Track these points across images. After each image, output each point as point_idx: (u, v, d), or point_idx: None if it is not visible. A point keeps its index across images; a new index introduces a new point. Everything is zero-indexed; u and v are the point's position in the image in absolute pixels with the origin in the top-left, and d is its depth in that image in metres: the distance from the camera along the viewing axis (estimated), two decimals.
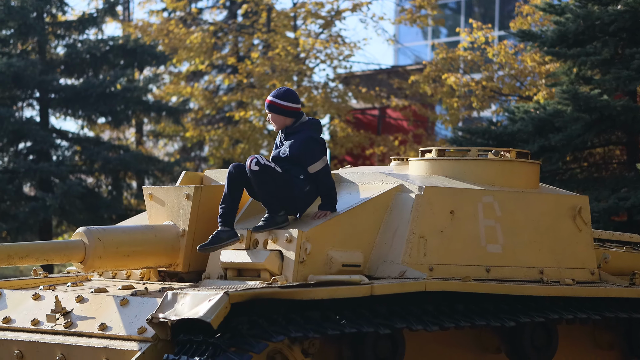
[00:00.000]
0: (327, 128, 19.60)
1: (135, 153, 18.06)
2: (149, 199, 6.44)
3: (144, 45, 17.95)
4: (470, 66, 16.48)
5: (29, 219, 16.09)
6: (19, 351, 5.60)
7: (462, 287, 5.81)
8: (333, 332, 5.23)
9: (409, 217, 5.91)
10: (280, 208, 5.79)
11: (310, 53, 18.14)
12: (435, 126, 20.57)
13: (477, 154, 6.54)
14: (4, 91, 17.10)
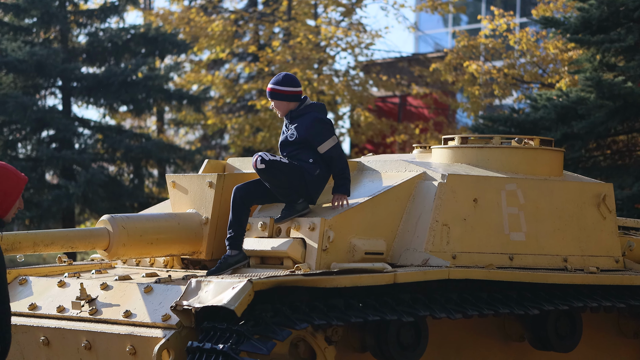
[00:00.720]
0: (348, 116, 19.58)
1: (157, 141, 18.13)
2: (172, 186, 6.46)
3: (165, 34, 18.00)
4: (491, 54, 16.39)
5: (52, 207, 16.22)
6: (44, 337, 5.65)
7: (486, 275, 5.79)
8: (356, 319, 5.23)
9: (431, 205, 5.90)
10: (298, 196, 5.79)
11: (331, 41, 18.11)
12: (456, 114, 20.50)
13: (501, 142, 6.52)
14: (26, 80, 17.21)
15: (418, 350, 5.64)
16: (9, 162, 16.51)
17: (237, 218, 5.79)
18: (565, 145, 11.73)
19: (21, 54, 16.60)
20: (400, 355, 5.56)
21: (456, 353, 6.14)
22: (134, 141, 17.94)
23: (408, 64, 20.43)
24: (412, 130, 19.14)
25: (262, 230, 5.86)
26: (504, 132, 12.04)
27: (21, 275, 6.13)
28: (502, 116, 12.59)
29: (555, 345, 6.15)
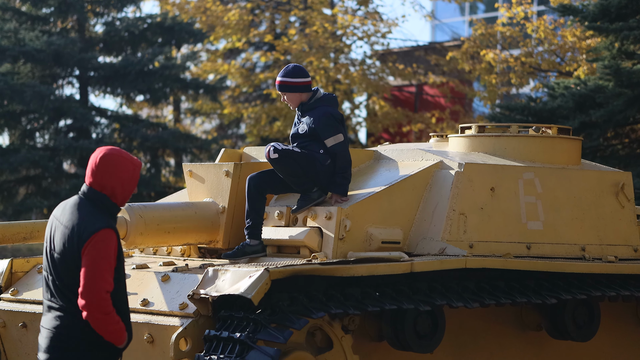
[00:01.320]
0: (365, 105, 19.54)
1: (173, 131, 18.18)
2: (189, 176, 6.48)
3: (182, 23, 18.01)
4: (509, 42, 16.30)
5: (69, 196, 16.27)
6: None
7: (503, 264, 5.77)
8: (373, 308, 5.23)
9: (448, 194, 5.88)
10: (312, 185, 5.79)
11: (347, 30, 18.06)
12: (473, 103, 20.42)
13: (518, 131, 6.49)
14: (44, 69, 17.28)
15: (435, 339, 5.64)
16: (28, 151, 16.60)
17: (253, 207, 5.79)
18: (583, 133, 11.66)
19: (39, 43, 16.67)
20: (417, 344, 5.56)
21: (473, 342, 6.13)
22: (150, 130, 18.00)
23: (425, 52, 20.35)
24: (428, 119, 19.09)
25: (279, 219, 5.86)
26: (522, 121, 11.99)
27: (40, 264, 6.17)
28: (519, 105, 12.53)
29: (573, 334, 6.13)
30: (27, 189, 17.35)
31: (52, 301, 4.09)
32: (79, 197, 4.15)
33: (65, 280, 4.05)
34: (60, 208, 4.19)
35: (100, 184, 4.10)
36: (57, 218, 4.14)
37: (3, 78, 16.20)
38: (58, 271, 4.07)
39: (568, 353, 6.50)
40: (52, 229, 4.14)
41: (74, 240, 4.02)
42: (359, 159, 6.33)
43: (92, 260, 3.98)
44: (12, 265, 6.11)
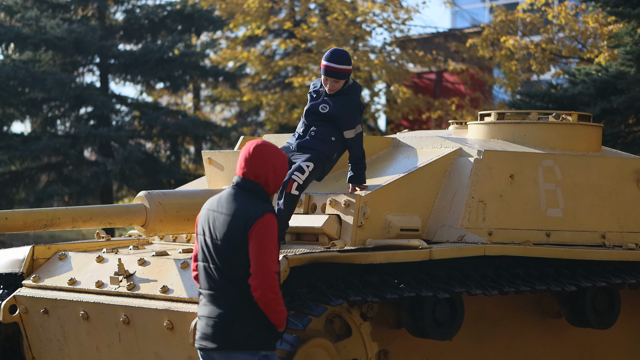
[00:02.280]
0: (384, 92, 19.49)
1: (193, 118, 18.22)
2: (208, 163, 6.50)
3: (201, 10, 18.03)
4: (529, 28, 16.19)
5: (90, 184, 16.39)
6: (84, 312, 5.73)
7: (522, 251, 5.76)
8: (392, 296, 5.24)
9: (467, 181, 5.87)
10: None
11: (367, 17, 18.00)
12: (493, 90, 20.32)
13: (538, 118, 6.46)
14: (65, 57, 17.36)
15: (454, 327, 5.64)
16: (49, 139, 16.70)
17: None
18: (604, 120, 11.58)
19: (59, 31, 16.74)
20: (436, 332, 5.57)
21: (492, 330, 6.12)
22: (170, 118, 18.05)
23: (444, 39, 20.25)
24: (448, 106, 19.02)
25: (298, 207, 5.87)
26: (542, 108, 11.92)
27: (60, 251, 6.22)
28: (539, 92, 12.45)
29: (593, 322, 6.11)
30: (48, 177, 17.46)
31: (215, 290, 4.17)
32: (234, 188, 4.25)
33: (231, 267, 4.15)
34: (215, 200, 4.27)
35: (255, 173, 4.23)
36: (215, 209, 4.23)
37: (24, 66, 16.29)
38: (223, 259, 4.16)
39: (587, 340, 6.48)
40: (211, 221, 4.21)
41: (240, 225, 4.15)
42: (378, 147, 6.33)
43: (260, 242, 4.13)
44: (34, 252, 6.17)
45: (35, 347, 6.14)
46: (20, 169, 17.03)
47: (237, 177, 4.28)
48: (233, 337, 4.14)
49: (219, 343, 4.14)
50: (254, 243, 4.13)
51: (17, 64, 16.37)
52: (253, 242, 4.13)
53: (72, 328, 5.85)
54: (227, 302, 4.15)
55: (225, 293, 4.15)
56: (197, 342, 4.22)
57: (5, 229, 5.49)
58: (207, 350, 4.17)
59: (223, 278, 4.16)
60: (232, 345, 4.14)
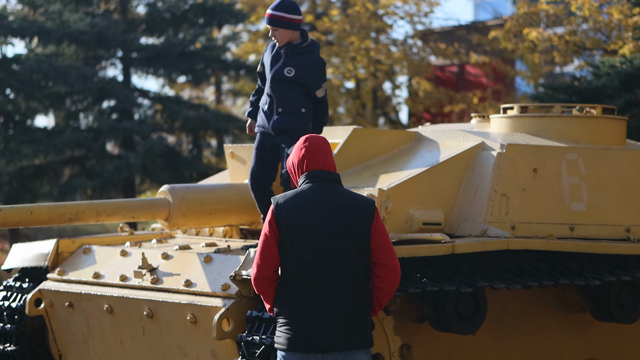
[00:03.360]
0: (406, 86, 19.43)
1: (215, 112, 18.25)
2: (231, 157, 6.52)
3: (223, 4, 18.03)
4: (552, 20, 16.07)
5: (113, 177, 16.46)
6: (108, 306, 5.76)
7: (546, 245, 5.74)
8: (414, 290, 5.23)
9: (490, 175, 5.85)
10: None
11: (389, 10, 17.95)
12: (515, 82, 20.21)
13: (561, 111, 6.42)
14: (87, 51, 17.43)
15: (476, 321, 5.63)
16: (72, 132, 16.79)
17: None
18: (628, 113, 11.48)
19: (82, 25, 16.81)
20: (459, 326, 5.56)
21: (515, 324, 6.10)
22: (192, 111, 18.09)
23: (467, 32, 20.15)
24: (470, 99, 18.94)
25: None
26: (565, 101, 11.84)
27: (85, 245, 6.26)
28: (562, 84, 12.37)
29: (617, 316, 6.08)
30: (71, 170, 17.56)
31: (336, 287, 4.03)
32: (328, 184, 4.12)
33: (357, 262, 4.07)
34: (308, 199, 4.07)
35: (328, 165, 4.19)
36: (318, 208, 4.05)
37: (48, 60, 16.38)
38: (346, 255, 4.04)
39: (612, 335, 6.45)
40: (319, 220, 4.04)
41: (363, 219, 4.08)
42: (400, 141, 6.32)
43: (384, 231, 4.12)
44: (59, 246, 6.22)
45: (60, 340, 6.19)
46: (43, 162, 17.14)
47: (322, 172, 4.12)
48: (355, 336, 4.05)
49: (341, 344, 4.01)
50: (379, 233, 4.09)
51: (40, 58, 16.46)
52: (378, 232, 4.08)
53: (96, 321, 5.89)
54: (348, 300, 4.04)
55: (345, 292, 4.04)
56: (301, 345, 4.00)
57: (30, 223, 5.54)
58: (324, 351, 3.99)
59: (346, 275, 4.04)
60: (355, 344, 4.04)
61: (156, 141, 17.15)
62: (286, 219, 4.06)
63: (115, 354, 5.89)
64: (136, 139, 17.32)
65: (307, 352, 4.01)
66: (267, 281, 4.10)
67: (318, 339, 4.01)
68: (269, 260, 4.07)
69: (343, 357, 4.03)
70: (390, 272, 4.10)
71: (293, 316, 4.03)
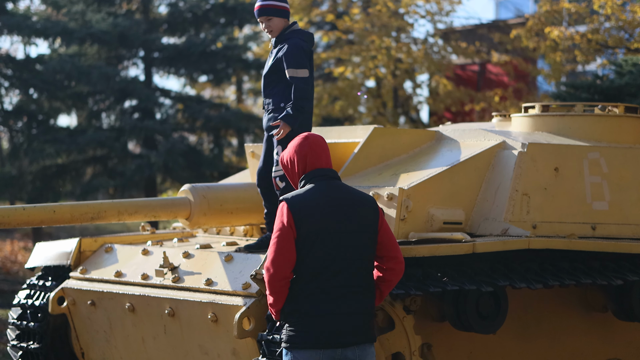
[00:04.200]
0: (427, 85, 19.40)
1: (236, 111, 18.29)
2: (251, 156, 6.54)
3: (244, 3, 18.07)
4: (574, 19, 15.97)
5: (134, 176, 16.55)
6: (130, 304, 5.80)
7: (567, 244, 5.71)
8: (435, 289, 5.23)
9: (511, 174, 5.83)
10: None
11: (410, 8, 17.91)
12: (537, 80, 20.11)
13: (583, 110, 6.39)
14: (110, 50, 17.53)
15: (497, 321, 5.61)
16: (94, 132, 16.90)
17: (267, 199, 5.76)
18: None
19: (105, 25, 16.90)
20: (480, 325, 5.54)
21: (536, 323, 6.08)
22: (213, 111, 18.14)
23: (488, 30, 20.08)
24: (491, 98, 18.87)
25: None
26: (587, 99, 11.77)
27: (107, 243, 6.30)
28: (585, 83, 12.30)
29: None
30: (93, 169, 17.67)
31: (355, 282, 4.10)
32: (334, 182, 4.17)
33: (369, 258, 4.16)
34: (320, 197, 4.10)
35: (329, 163, 4.25)
36: (333, 205, 4.09)
37: (71, 60, 16.48)
38: (363, 249, 4.10)
39: (634, 335, 6.41)
40: (335, 219, 4.07)
41: (373, 215, 4.17)
42: (421, 140, 6.31)
43: (388, 226, 4.22)
44: (81, 245, 6.26)
45: (82, 338, 6.23)
46: (66, 161, 17.26)
47: (323, 171, 4.16)
48: (368, 329, 4.13)
49: (359, 337, 4.08)
50: (385, 227, 4.19)
51: (63, 58, 16.57)
52: (385, 227, 4.18)
53: (118, 320, 5.93)
54: (364, 295, 4.10)
55: (362, 286, 4.09)
56: (325, 341, 4.01)
57: (53, 222, 5.58)
58: (346, 346, 4.03)
59: (363, 271, 4.10)
60: (369, 338, 4.13)
61: (177, 140, 17.22)
62: (306, 218, 4.07)
63: (137, 352, 5.92)
64: (158, 138, 17.40)
65: (330, 348, 4.03)
66: (285, 281, 4.10)
67: (341, 334, 4.04)
68: (287, 259, 4.07)
69: (360, 350, 4.09)
70: (399, 263, 4.21)
71: (311, 313, 4.04)
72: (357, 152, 6.04)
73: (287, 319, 4.12)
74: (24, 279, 14.84)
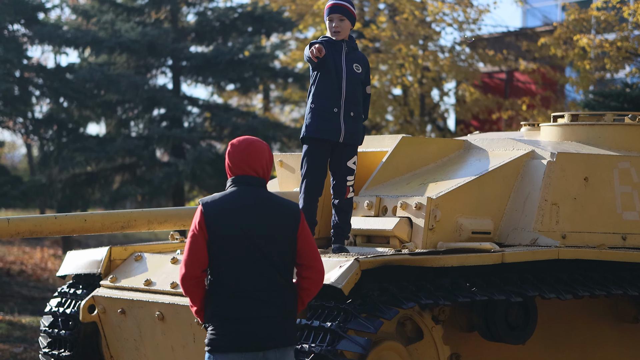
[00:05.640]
0: (454, 92, 19.36)
1: (263, 119, 18.35)
2: (280, 166, 6.56)
3: (271, 12, 18.15)
4: (603, 26, 15.87)
5: (162, 184, 16.65)
6: (159, 312, 5.83)
7: (597, 255, 5.68)
8: (463, 299, 5.22)
9: (540, 184, 5.81)
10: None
11: (437, 17, 17.90)
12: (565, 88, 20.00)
13: (613, 119, 6.35)
14: (139, 59, 17.66)
15: (527, 331, 5.59)
16: (123, 140, 17.03)
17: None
18: None
19: (134, 34, 17.04)
20: (509, 336, 5.52)
21: (566, 334, 6.05)
22: (240, 119, 18.21)
23: (515, 38, 20.01)
24: (518, 106, 18.79)
25: (368, 209, 5.89)
26: (617, 108, 11.70)
27: (136, 252, 6.35)
28: (614, 91, 12.22)
29: None
30: (122, 177, 17.81)
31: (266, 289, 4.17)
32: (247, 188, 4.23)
33: (286, 263, 4.21)
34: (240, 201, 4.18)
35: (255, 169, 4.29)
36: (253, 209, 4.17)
37: (100, 69, 16.63)
38: (276, 255, 4.16)
39: None
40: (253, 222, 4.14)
41: (292, 221, 4.21)
42: (449, 149, 6.30)
43: (309, 234, 4.26)
44: (111, 253, 6.31)
45: (113, 346, 6.27)
46: (95, 169, 17.40)
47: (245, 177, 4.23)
48: (289, 333, 4.19)
49: (279, 341, 4.15)
50: (305, 236, 4.22)
51: (93, 67, 16.73)
52: (304, 236, 4.21)
53: (148, 328, 5.97)
54: (281, 299, 4.16)
55: (278, 291, 4.16)
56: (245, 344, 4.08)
57: (83, 231, 5.64)
58: (266, 349, 4.11)
59: (277, 276, 4.16)
60: (289, 341, 4.19)
61: (205, 149, 17.30)
62: (216, 221, 4.16)
63: None
64: (185, 146, 17.50)
65: (251, 351, 4.11)
66: (195, 281, 4.18)
67: (260, 337, 4.11)
68: (198, 260, 4.16)
69: (280, 353, 4.15)
70: (317, 273, 4.24)
71: (231, 316, 4.11)
72: (385, 161, 6.04)
73: (210, 322, 4.19)
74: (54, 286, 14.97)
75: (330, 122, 5.54)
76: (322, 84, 5.52)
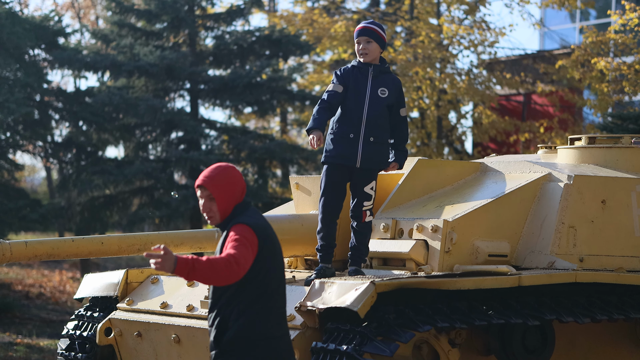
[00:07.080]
0: (471, 115, 19.35)
1: (280, 142, 18.40)
2: (296, 188, 6.57)
3: (289, 35, 18.24)
4: (621, 49, 15.84)
5: (180, 207, 16.69)
6: (176, 335, 5.84)
7: (615, 278, 5.64)
8: (480, 322, 5.19)
9: (557, 207, 5.79)
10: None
11: (453, 39, 17.93)
12: (582, 111, 19.95)
13: (631, 141, 6.33)
14: (157, 83, 17.79)
15: (544, 355, 5.56)
16: (141, 163, 17.11)
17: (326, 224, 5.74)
18: None
19: (152, 58, 17.17)
20: (526, 359, 5.49)
21: (584, 358, 6.00)
22: (258, 142, 18.26)
23: (533, 61, 20.00)
24: (536, 128, 18.75)
25: (385, 232, 5.89)
26: (635, 131, 11.65)
27: (153, 275, 6.37)
28: (632, 114, 12.18)
29: None
30: (140, 200, 17.88)
31: None
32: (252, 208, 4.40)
33: None
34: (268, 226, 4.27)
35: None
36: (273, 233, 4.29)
37: (119, 92, 16.75)
38: None
39: None
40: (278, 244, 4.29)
41: None
42: (466, 172, 6.30)
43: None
44: (128, 276, 6.33)
45: None
46: (113, 192, 17.49)
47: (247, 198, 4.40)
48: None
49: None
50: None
51: (112, 91, 16.86)
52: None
53: (164, 351, 5.97)
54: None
55: None
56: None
57: (100, 254, 5.66)
58: None
59: None
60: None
61: None
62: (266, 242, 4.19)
63: None
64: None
65: None
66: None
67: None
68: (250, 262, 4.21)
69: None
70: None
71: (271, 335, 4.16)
72: (401, 183, 6.04)
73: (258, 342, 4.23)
74: (72, 309, 15.02)
75: (347, 147, 5.58)
76: (343, 108, 5.58)
